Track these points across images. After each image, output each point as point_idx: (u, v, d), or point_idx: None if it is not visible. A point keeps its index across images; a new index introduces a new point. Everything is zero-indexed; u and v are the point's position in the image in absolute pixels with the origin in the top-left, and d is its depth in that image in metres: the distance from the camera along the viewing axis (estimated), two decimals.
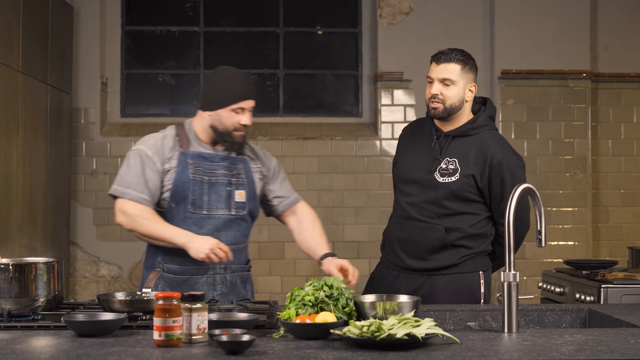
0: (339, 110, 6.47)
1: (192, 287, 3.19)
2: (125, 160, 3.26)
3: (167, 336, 2.20)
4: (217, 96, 3.18)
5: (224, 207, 3.23)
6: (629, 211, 6.26)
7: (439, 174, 3.30)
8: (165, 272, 3.20)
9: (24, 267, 2.65)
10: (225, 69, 3.24)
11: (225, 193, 3.23)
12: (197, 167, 3.21)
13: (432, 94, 3.28)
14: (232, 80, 3.19)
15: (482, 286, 3.33)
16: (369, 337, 2.16)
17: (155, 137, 3.31)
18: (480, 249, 3.34)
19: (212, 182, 3.22)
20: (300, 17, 6.51)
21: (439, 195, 3.29)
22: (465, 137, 3.32)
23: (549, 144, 6.09)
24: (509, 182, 3.24)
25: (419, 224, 3.33)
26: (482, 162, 3.27)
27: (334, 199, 6.14)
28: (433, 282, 3.32)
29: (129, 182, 3.17)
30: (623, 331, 2.47)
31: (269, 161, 3.41)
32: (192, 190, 3.18)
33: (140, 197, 3.15)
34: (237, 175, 3.26)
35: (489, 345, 2.25)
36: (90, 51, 6.11)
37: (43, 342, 2.28)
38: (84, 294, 6.02)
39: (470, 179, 3.27)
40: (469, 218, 3.31)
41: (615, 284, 4.01)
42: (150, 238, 3.16)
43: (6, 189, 4.70)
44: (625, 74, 6.25)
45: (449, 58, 3.28)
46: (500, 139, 3.38)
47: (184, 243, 3.07)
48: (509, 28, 6.10)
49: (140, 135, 6.21)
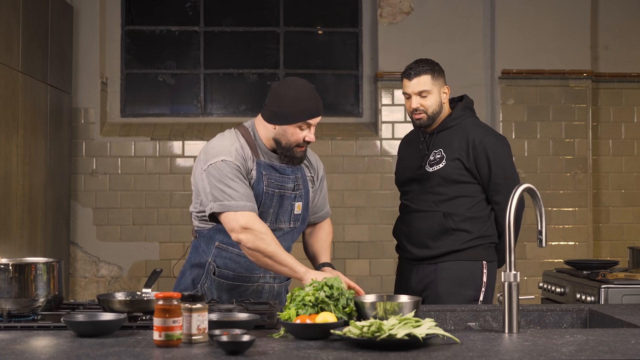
0: (339, 110, 6.46)
1: (241, 294, 3.11)
2: (210, 174, 2.97)
3: (167, 336, 2.20)
4: (286, 112, 2.99)
5: (286, 220, 3.12)
6: (630, 211, 6.26)
7: (429, 166, 3.52)
8: (215, 276, 3.11)
9: (23, 267, 2.65)
10: (297, 82, 3.03)
11: (290, 207, 3.11)
12: (270, 178, 3.06)
13: (413, 108, 3.50)
14: (303, 96, 3.00)
15: (484, 276, 3.45)
16: (370, 337, 2.15)
17: (230, 145, 3.02)
18: (481, 233, 3.48)
19: (281, 195, 3.08)
20: (301, 16, 6.50)
21: (432, 184, 3.50)
22: (447, 129, 3.53)
23: (549, 144, 6.09)
24: (494, 160, 3.46)
25: (420, 215, 3.53)
26: (465, 145, 3.47)
27: (334, 199, 6.13)
28: (438, 268, 3.48)
29: (237, 194, 2.92)
30: (624, 331, 2.47)
31: (318, 167, 3.28)
32: (263, 203, 3.04)
33: (256, 209, 2.94)
34: (297, 187, 3.14)
35: (490, 345, 2.24)
36: (90, 51, 6.10)
37: (43, 343, 2.27)
38: (84, 294, 6.02)
39: (457, 162, 3.47)
40: (466, 201, 3.48)
41: (615, 284, 4.00)
42: (270, 259, 2.91)
43: (6, 189, 4.70)
44: (626, 73, 6.25)
45: (419, 71, 3.48)
46: (480, 124, 3.59)
47: (303, 273, 2.86)
48: (509, 28, 6.09)
49: (140, 135, 6.28)
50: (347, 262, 6.13)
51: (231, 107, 6.46)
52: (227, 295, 3.11)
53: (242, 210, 2.91)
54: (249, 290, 3.15)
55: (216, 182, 2.96)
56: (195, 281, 3.14)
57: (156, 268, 3.00)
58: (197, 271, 3.15)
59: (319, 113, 3.03)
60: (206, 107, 6.43)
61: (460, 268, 3.46)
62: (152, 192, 6.09)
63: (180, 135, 6.15)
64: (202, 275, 3.13)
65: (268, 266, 2.95)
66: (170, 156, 6.13)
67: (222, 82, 6.47)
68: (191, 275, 3.16)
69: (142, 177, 6.10)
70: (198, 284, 3.13)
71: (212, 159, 2.99)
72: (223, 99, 6.48)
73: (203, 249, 3.14)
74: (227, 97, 6.46)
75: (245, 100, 6.46)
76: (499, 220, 3.50)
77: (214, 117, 6.37)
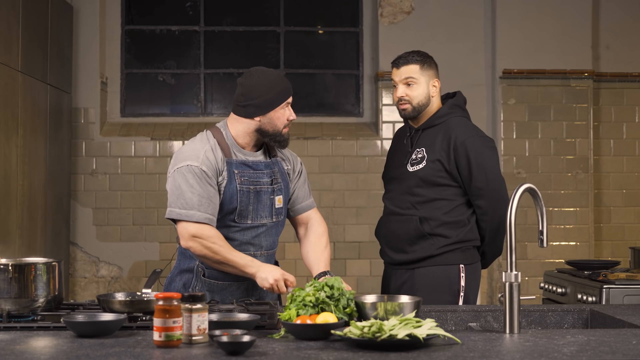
0: (339, 110, 6.46)
1: (233, 293, 3.12)
2: (174, 178, 3.03)
3: (167, 337, 2.19)
4: (267, 99, 3.06)
5: (267, 215, 3.14)
6: (631, 211, 6.25)
7: (410, 165, 3.45)
8: (205, 277, 3.12)
9: (23, 268, 2.64)
10: (262, 70, 3.11)
11: (269, 202, 3.14)
12: (243, 176, 3.08)
13: (399, 97, 3.45)
14: (275, 79, 3.08)
15: (462, 280, 3.37)
16: (370, 337, 2.15)
17: (200, 149, 3.07)
18: (460, 238, 3.39)
19: (257, 190, 3.10)
20: (301, 16, 6.50)
21: (410, 184, 3.43)
22: (433, 127, 3.46)
23: (550, 144, 6.08)
24: (475, 162, 3.35)
25: (397, 217, 3.47)
26: (446, 146, 3.38)
27: (334, 199, 6.13)
28: (414, 274, 3.41)
29: (192, 202, 2.98)
30: (625, 332, 2.46)
31: (295, 160, 3.32)
32: (240, 202, 3.06)
33: (208, 218, 2.99)
34: (276, 181, 3.17)
35: (491, 346, 2.24)
36: (90, 50, 6.10)
37: (42, 343, 2.27)
38: (84, 295, 6.01)
39: (437, 164, 3.38)
40: (444, 204, 3.40)
41: (617, 285, 3.99)
42: (220, 264, 3.00)
43: (6, 189, 4.69)
44: (627, 73, 6.25)
45: (407, 60, 3.44)
46: (466, 123, 3.48)
47: (254, 273, 2.97)
48: (510, 27, 6.09)
49: (140, 135, 6.28)
50: (347, 262, 6.12)
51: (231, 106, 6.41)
52: (219, 296, 3.11)
53: (192, 219, 2.98)
54: (240, 288, 3.15)
55: (175, 188, 3.03)
56: (186, 285, 3.14)
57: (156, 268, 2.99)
58: (187, 276, 3.16)
59: (291, 88, 3.14)
60: (206, 106, 6.43)
61: (435, 274, 3.37)
62: (152, 192, 6.09)
63: (180, 135, 6.15)
64: (192, 279, 3.14)
65: (222, 270, 3.04)
66: (171, 156, 6.10)
67: (222, 82, 6.47)
68: (182, 280, 3.16)
69: (142, 177, 6.10)
70: (189, 287, 3.13)
71: (179, 164, 3.05)
72: (223, 98, 6.48)
73: (190, 254, 3.15)
74: (228, 97, 6.45)
75: None
76: (482, 224, 3.41)
77: (214, 117, 6.36)
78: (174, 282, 3.19)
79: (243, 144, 3.14)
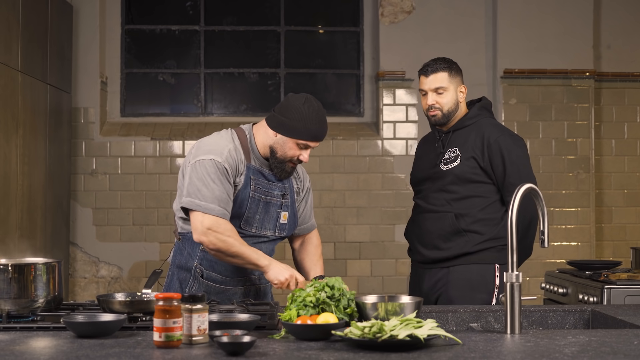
0: (340, 110, 6.45)
1: (230, 297, 3.11)
2: (195, 169, 3.01)
3: (167, 337, 2.19)
4: (292, 125, 3.02)
5: (271, 228, 3.15)
6: (633, 211, 6.24)
7: (443, 164, 3.50)
8: (203, 279, 3.12)
9: (23, 268, 2.64)
10: (312, 102, 3.05)
11: (275, 215, 3.14)
12: (257, 184, 3.08)
13: (429, 105, 3.51)
14: (314, 117, 3.03)
15: (497, 279, 3.42)
16: (371, 338, 2.14)
17: (224, 145, 3.06)
18: (493, 235, 3.44)
19: (267, 202, 3.11)
20: (302, 16, 6.49)
21: (445, 182, 3.48)
22: (463, 128, 3.53)
23: (552, 144, 6.08)
24: (508, 159, 3.43)
25: (431, 215, 3.51)
26: (480, 144, 3.45)
27: (335, 199, 6.12)
28: (449, 272, 3.45)
29: (212, 196, 2.96)
30: (626, 332, 2.46)
31: (305, 179, 3.32)
32: (249, 208, 3.06)
33: (224, 214, 2.98)
34: (284, 197, 3.17)
35: (492, 346, 2.23)
36: (90, 50, 6.09)
37: (42, 343, 2.26)
38: (84, 295, 6.01)
39: (472, 161, 3.45)
40: (479, 202, 3.45)
41: (618, 285, 3.99)
42: (234, 258, 2.98)
43: (5, 189, 4.68)
44: (628, 73, 6.24)
45: (436, 68, 3.50)
46: (497, 124, 3.58)
47: (266, 266, 2.97)
48: (511, 27, 6.08)
49: (140, 135, 6.27)
50: (348, 263, 6.11)
51: (232, 106, 6.44)
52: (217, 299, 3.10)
53: (210, 212, 2.96)
54: (237, 293, 3.15)
55: (196, 179, 3.00)
56: (182, 284, 3.13)
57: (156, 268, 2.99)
58: (183, 274, 3.14)
59: (321, 138, 3.08)
60: (207, 106, 6.42)
61: (471, 271, 3.42)
62: (152, 192, 6.08)
63: (180, 135, 6.14)
64: (189, 278, 3.13)
65: (233, 263, 3.03)
66: (171, 156, 6.12)
67: (222, 82, 6.46)
68: (178, 278, 3.15)
69: (142, 177, 6.09)
70: (186, 287, 3.12)
71: (202, 155, 3.03)
72: (223, 98, 6.47)
73: (188, 252, 3.14)
74: (228, 97, 6.45)
75: (246, 99, 6.44)
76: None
77: (214, 117, 6.35)
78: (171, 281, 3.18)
79: (263, 152, 3.12)
